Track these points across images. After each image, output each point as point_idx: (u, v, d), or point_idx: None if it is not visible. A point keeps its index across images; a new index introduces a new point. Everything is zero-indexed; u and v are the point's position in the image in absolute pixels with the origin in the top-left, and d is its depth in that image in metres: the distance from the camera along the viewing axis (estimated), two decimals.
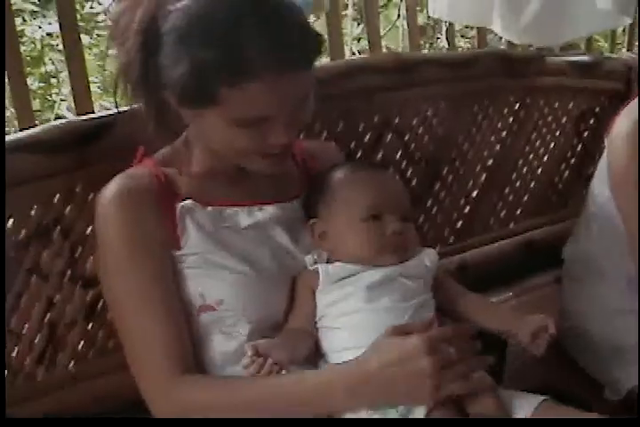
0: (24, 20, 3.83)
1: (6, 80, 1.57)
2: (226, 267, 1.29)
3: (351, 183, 1.34)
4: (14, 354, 1.45)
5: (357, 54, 4.34)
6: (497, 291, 2.08)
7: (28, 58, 4.21)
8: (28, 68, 4.11)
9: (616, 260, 1.77)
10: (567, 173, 2.25)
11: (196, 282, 1.29)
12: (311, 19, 2.00)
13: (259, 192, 1.37)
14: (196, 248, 1.30)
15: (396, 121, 1.87)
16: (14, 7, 1.73)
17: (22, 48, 1.83)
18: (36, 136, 1.41)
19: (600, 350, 1.79)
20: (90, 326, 1.51)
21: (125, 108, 1.45)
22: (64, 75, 3.55)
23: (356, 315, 1.25)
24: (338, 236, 1.31)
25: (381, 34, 2.28)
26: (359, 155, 1.81)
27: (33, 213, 1.42)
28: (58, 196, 1.44)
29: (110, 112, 1.47)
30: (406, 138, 1.89)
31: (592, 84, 2.21)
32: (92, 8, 3.87)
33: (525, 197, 2.18)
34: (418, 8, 2.47)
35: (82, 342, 1.52)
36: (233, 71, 1.16)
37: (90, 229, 1.46)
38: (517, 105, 2.09)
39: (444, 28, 2.31)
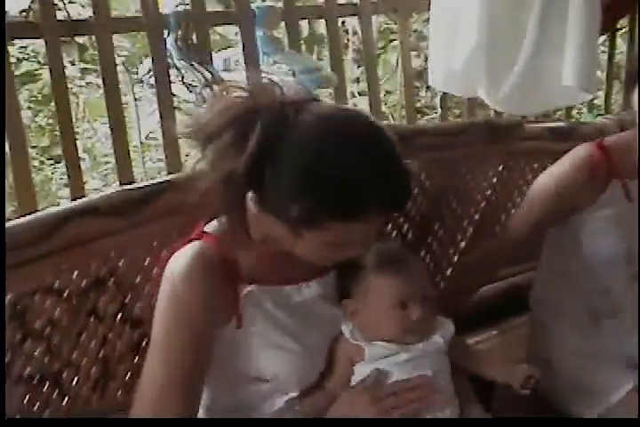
0: None
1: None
2: (281, 347, 1.43)
3: (382, 273, 1.47)
4: (74, 384, 1.72)
5: (357, 96, 4.57)
6: (484, 329, 2.35)
7: (40, 96, 4.53)
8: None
9: (574, 301, 1.95)
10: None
11: (253, 357, 1.44)
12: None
13: (303, 270, 1.47)
14: (256, 328, 1.43)
15: None
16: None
17: None
18: (98, 202, 1.69)
19: (564, 390, 1.93)
20: (136, 360, 1.76)
21: (170, 178, 1.75)
22: None
23: None
24: (368, 317, 1.48)
25: (380, 77, 2.57)
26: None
27: (93, 265, 1.70)
28: (112, 252, 1.71)
29: (157, 181, 1.76)
30: None
31: (568, 146, 2.43)
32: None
33: None
34: (414, 53, 2.76)
35: (129, 374, 1.76)
36: (347, 212, 1.27)
37: (138, 279, 1.74)
38: (501, 167, 2.35)
39: (439, 97, 2.58)
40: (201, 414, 1.51)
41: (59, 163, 4.43)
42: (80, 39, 2.91)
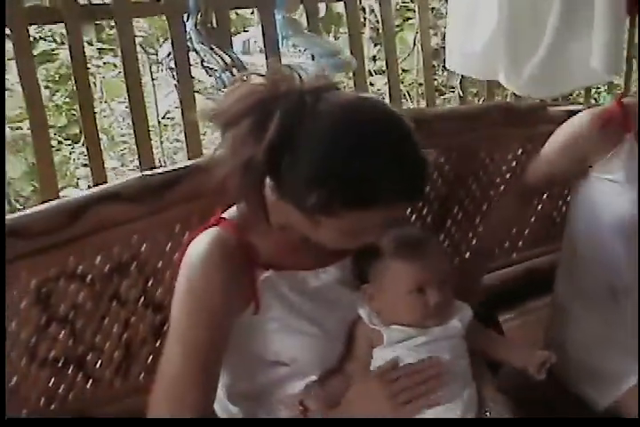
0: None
1: None
2: (299, 331, 1.45)
3: (400, 258, 1.47)
4: (97, 366, 1.75)
5: (374, 74, 4.55)
6: (501, 312, 2.35)
7: (57, 76, 4.54)
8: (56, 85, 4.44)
9: (592, 278, 1.93)
10: (564, 208, 2.48)
11: (271, 342, 1.45)
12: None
13: (320, 255, 1.47)
14: (274, 313, 1.44)
15: None
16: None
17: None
18: (120, 188, 1.71)
19: (578, 374, 1.94)
20: (158, 343, 1.78)
21: (190, 163, 1.76)
22: None
23: None
24: (386, 301, 1.48)
25: (398, 55, 2.56)
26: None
27: (115, 251, 1.72)
28: (134, 237, 1.73)
29: (178, 166, 1.78)
30: None
31: None
32: None
33: (527, 231, 2.43)
34: (432, 32, 2.74)
35: (151, 357, 1.79)
36: (362, 201, 1.29)
37: (160, 264, 1.76)
38: (520, 150, 2.35)
39: (458, 78, 2.57)
40: (221, 396, 1.53)
41: (77, 143, 4.45)
42: None
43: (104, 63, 4.62)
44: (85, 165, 3.80)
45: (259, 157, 1.29)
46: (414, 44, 4.29)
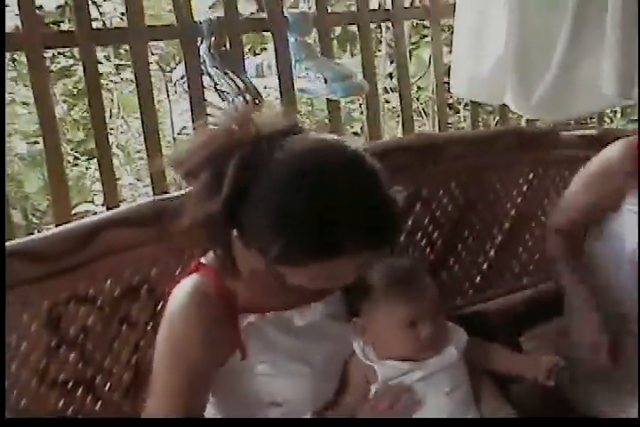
0: None
1: None
2: (289, 372, 1.44)
3: (391, 293, 1.46)
4: (107, 389, 1.76)
5: (390, 92, 4.57)
6: (509, 337, 2.35)
7: (75, 90, 4.59)
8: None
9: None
10: None
11: (262, 384, 1.44)
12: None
13: (304, 293, 1.42)
14: (262, 357, 1.43)
15: (424, 192, 2.16)
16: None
17: None
18: (130, 213, 1.74)
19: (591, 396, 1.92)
20: None
21: None
22: None
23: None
24: (379, 335, 1.47)
25: (414, 73, 2.57)
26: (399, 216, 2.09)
27: (125, 274, 1.74)
28: (144, 261, 1.75)
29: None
30: (433, 206, 2.18)
31: None
32: None
33: (537, 255, 2.41)
34: (446, 49, 2.75)
35: None
36: (324, 253, 1.25)
37: (170, 287, 1.76)
38: (531, 175, 2.35)
39: (469, 105, 2.58)
40: None
41: (93, 158, 4.48)
42: None
43: (121, 79, 4.67)
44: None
45: (218, 210, 1.27)
46: (429, 61, 4.34)
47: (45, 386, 1.69)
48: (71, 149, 4.53)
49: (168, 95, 3.98)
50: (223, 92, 2.10)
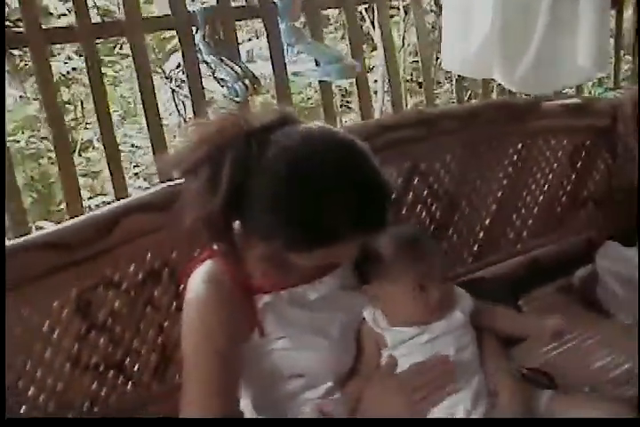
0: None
1: None
2: (307, 346, 1.49)
3: (400, 259, 1.51)
4: (135, 369, 1.83)
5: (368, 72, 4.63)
6: (508, 301, 2.44)
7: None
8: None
9: None
10: (564, 199, 2.59)
11: (282, 359, 1.49)
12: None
13: (313, 268, 1.46)
14: (280, 333, 1.48)
15: (422, 166, 2.24)
16: None
17: None
18: (148, 198, 1.80)
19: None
20: None
21: None
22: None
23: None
24: (389, 301, 1.54)
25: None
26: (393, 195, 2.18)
27: (148, 258, 1.80)
28: (165, 245, 1.81)
29: None
30: (430, 179, 2.26)
31: (582, 122, 2.56)
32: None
33: (530, 222, 2.52)
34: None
35: None
36: (327, 240, 1.30)
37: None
38: (520, 145, 2.44)
39: (454, 81, 2.66)
40: (250, 408, 1.59)
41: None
42: None
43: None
44: None
45: (218, 206, 1.31)
46: (402, 42, 4.41)
47: (79, 370, 1.75)
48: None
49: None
50: (222, 79, 2.15)
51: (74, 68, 4.26)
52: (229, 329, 1.44)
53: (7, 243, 1.64)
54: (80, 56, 4.39)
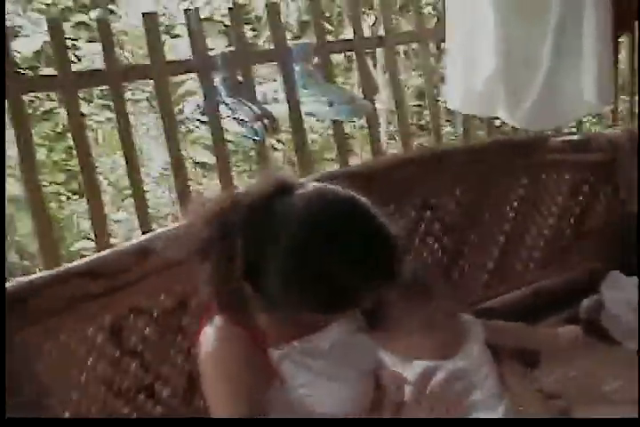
0: None
1: None
2: (325, 392, 1.52)
3: (403, 304, 1.53)
4: (164, 395, 1.90)
5: None
6: None
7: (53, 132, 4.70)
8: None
9: None
10: (568, 231, 2.68)
11: (302, 404, 1.52)
12: None
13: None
14: (297, 382, 1.51)
15: (433, 201, 2.33)
16: None
17: None
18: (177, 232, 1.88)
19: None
20: None
21: None
22: None
23: None
24: (398, 343, 1.57)
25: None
26: (407, 229, 2.28)
27: (177, 288, 1.88)
28: (192, 274, 1.87)
29: None
30: (441, 213, 2.35)
31: (583, 157, 2.65)
32: None
33: (536, 253, 2.61)
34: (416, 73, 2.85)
35: None
36: (344, 305, 1.33)
37: None
38: (525, 180, 2.53)
39: (460, 119, 2.76)
40: None
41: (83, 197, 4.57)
42: None
43: (106, 119, 4.80)
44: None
45: (235, 283, 1.32)
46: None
47: (111, 395, 1.82)
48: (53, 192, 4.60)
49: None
50: (241, 119, 2.26)
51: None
52: (250, 380, 1.45)
53: (48, 272, 1.72)
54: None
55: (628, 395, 2.11)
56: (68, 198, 4.69)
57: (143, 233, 2.08)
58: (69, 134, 2.15)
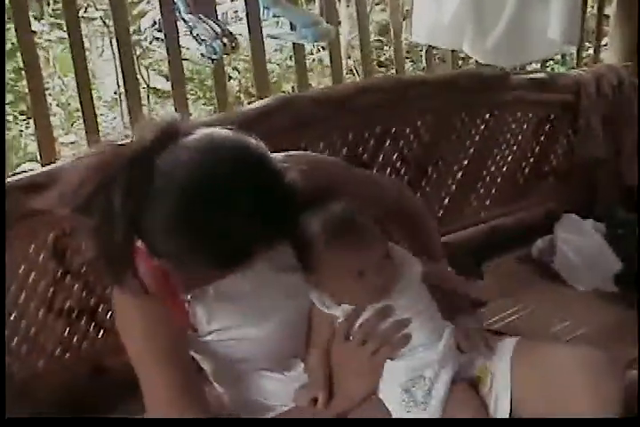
0: None
1: None
2: (240, 337, 1.44)
3: (332, 248, 1.40)
4: (108, 317, 1.85)
5: (320, 51, 4.66)
6: (471, 267, 2.50)
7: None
8: None
9: None
10: (527, 170, 2.68)
11: (219, 348, 1.45)
12: None
13: None
14: (210, 328, 1.43)
15: (393, 130, 2.29)
16: None
17: None
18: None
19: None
20: None
21: None
22: None
23: None
24: (331, 288, 1.46)
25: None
26: (365, 158, 2.24)
27: None
28: None
29: None
30: (401, 144, 2.32)
31: (548, 97, 2.64)
32: None
33: (493, 191, 2.60)
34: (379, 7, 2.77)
35: None
36: (233, 261, 1.23)
37: None
38: (488, 115, 2.51)
39: (424, 51, 2.69)
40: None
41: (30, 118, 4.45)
42: None
43: (58, 38, 4.64)
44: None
45: (117, 243, 1.20)
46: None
47: (52, 315, 1.77)
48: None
49: (113, 51, 3.99)
50: (200, 37, 2.16)
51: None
52: (163, 329, 1.38)
53: None
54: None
55: (574, 333, 2.17)
56: (15, 118, 4.56)
57: None
58: (18, 53, 2.01)
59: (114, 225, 1.18)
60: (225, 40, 2.13)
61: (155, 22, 2.24)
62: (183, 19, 2.19)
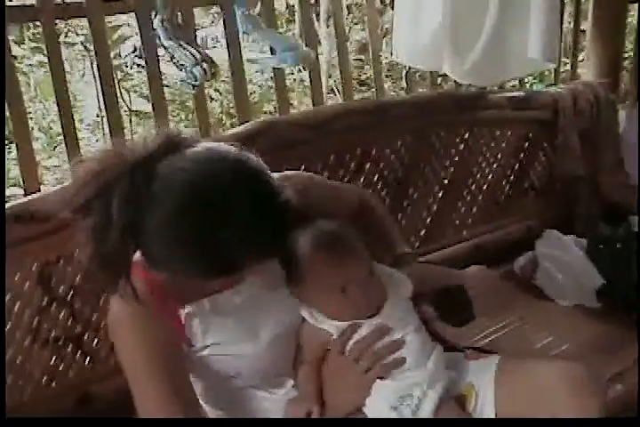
0: None
1: None
2: (234, 353, 1.46)
3: (318, 262, 1.43)
4: (94, 345, 1.86)
5: (302, 71, 4.69)
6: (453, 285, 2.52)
7: None
8: None
9: None
10: (507, 188, 2.70)
11: (214, 363, 1.48)
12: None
13: None
14: (208, 341, 1.45)
15: (374, 152, 2.31)
16: None
17: None
18: None
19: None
20: None
21: None
22: None
23: None
24: (317, 302, 1.48)
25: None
26: (346, 180, 2.25)
27: None
28: None
29: None
30: (381, 165, 2.34)
31: (526, 114, 2.67)
32: None
33: (474, 209, 2.62)
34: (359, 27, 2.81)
35: None
36: (225, 270, 1.25)
37: None
38: (467, 134, 2.53)
39: (404, 72, 2.72)
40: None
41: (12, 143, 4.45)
42: None
43: (38, 62, 4.65)
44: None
45: (112, 246, 1.22)
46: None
47: (38, 343, 1.77)
48: None
49: (94, 75, 4.01)
50: (180, 64, 2.18)
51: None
52: (159, 342, 1.39)
53: None
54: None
55: (558, 349, 2.19)
56: None
57: None
58: None
59: (111, 228, 1.20)
60: (205, 66, 2.15)
61: (135, 48, 2.26)
62: (163, 45, 2.20)
